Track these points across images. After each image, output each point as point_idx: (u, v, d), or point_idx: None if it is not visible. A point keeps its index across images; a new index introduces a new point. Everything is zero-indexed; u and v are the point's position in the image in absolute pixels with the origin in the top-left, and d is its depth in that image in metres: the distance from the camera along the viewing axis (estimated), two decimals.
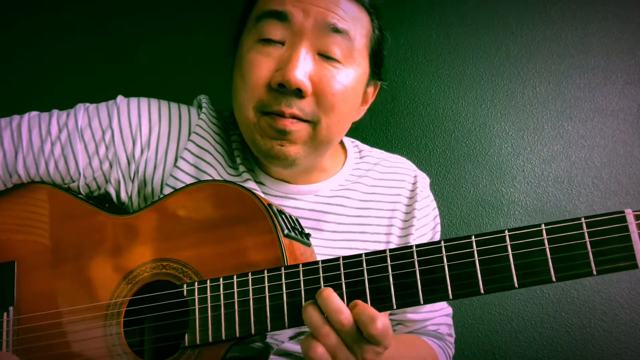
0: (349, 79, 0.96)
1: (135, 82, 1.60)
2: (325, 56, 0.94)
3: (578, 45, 1.53)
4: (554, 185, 1.50)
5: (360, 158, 1.14)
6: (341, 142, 1.15)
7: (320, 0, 0.93)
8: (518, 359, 1.47)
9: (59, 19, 1.66)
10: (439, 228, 1.19)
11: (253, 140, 0.97)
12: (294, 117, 0.93)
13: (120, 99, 1.03)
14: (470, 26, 1.56)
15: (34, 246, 0.95)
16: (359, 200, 1.08)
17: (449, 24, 1.57)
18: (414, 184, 1.13)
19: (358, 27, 0.97)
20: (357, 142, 1.18)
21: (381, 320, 0.74)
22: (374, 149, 1.18)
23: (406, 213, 1.11)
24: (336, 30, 0.94)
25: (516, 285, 0.72)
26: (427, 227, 1.13)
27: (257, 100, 0.94)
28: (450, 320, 1.22)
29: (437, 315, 1.16)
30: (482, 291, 0.73)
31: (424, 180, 1.16)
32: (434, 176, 1.20)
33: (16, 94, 1.63)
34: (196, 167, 1.00)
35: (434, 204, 1.18)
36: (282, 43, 0.94)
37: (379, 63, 1.05)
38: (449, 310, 1.22)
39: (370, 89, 1.07)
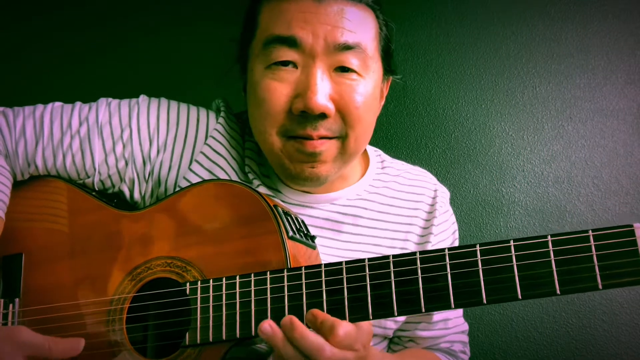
0: (368, 88, 0.95)
1: (138, 81, 1.61)
2: (342, 69, 0.93)
3: (578, 45, 1.53)
4: (554, 185, 1.50)
5: (382, 169, 1.12)
6: (364, 151, 1.14)
7: (326, 17, 0.91)
8: (518, 359, 1.47)
9: (59, 18, 1.66)
10: (457, 244, 1.16)
11: (282, 165, 0.96)
12: (321, 137, 0.92)
13: (142, 98, 1.03)
14: (470, 26, 1.56)
15: (42, 239, 0.96)
16: (377, 211, 1.07)
17: (449, 24, 1.57)
18: (434, 198, 1.11)
19: (367, 31, 0.95)
20: (380, 152, 1.17)
21: (343, 328, 0.74)
22: (397, 161, 1.17)
23: (424, 228, 1.09)
24: (348, 48, 0.92)
25: (520, 297, 0.71)
26: (444, 243, 1.11)
27: (279, 126, 0.93)
28: (465, 338, 1.18)
29: (450, 332, 1.13)
30: (484, 301, 0.72)
31: (444, 194, 1.14)
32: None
33: (17, 94, 1.62)
34: (210, 172, 1.00)
35: (454, 218, 1.17)
36: (295, 64, 0.92)
37: (389, 59, 1.04)
38: (465, 327, 1.18)
39: (384, 85, 1.06)
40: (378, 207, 1.07)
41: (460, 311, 1.17)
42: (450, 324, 1.12)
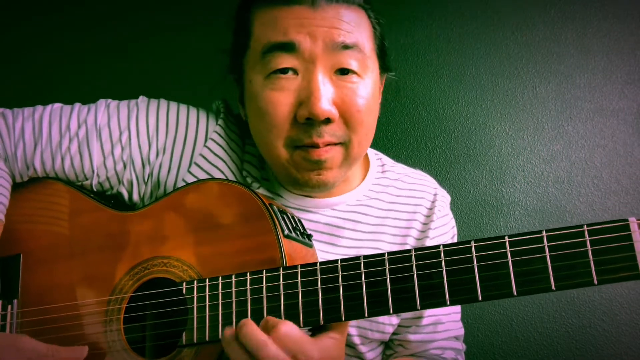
0: (368, 89, 0.94)
1: (138, 81, 1.61)
2: (342, 72, 0.92)
3: (578, 45, 1.52)
4: (554, 185, 1.50)
5: (382, 173, 1.12)
6: (365, 154, 1.13)
7: (322, 19, 0.90)
8: (518, 359, 1.47)
9: (59, 18, 1.67)
10: None
11: (288, 175, 0.96)
12: (327, 144, 0.92)
13: (141, 99, 1.03)
14: (470, 26, 1.56)
15: (41, 240, 0.97)
16: (375, 216, 1.06)
17: (449, 24, 1.57)
18: (433, 202, 1.10)
19: (362, 32, 0.94)
20: (381, 155, 1.16)
21: (285, 326, 0.74)
22: (397, 164, 1.16)
23: (421, 231, 1.08)
24: (346, 47, 0.91)
25: (515, 293, 0.70)
26: None
27: (285, 137, 0.92)
28: (458, 345, 1.14)
29: (440, 337, 1.10)
30: (480, 298, 0.72)
31: (444, 198, 1.13)
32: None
33: (17, 94, 1.63)
34: (209, 174, 0.99)
35: (453, 223, 1.15)
36: (295, 71, 0.91)
37: (384, 56, 1.03)
38: (459, 332, 1.15)
39: (380, 83, 1.05)
40: (377, 213, 1.06)
41: (455, 315, 1.15)
42: (440, 327, 1.10)
